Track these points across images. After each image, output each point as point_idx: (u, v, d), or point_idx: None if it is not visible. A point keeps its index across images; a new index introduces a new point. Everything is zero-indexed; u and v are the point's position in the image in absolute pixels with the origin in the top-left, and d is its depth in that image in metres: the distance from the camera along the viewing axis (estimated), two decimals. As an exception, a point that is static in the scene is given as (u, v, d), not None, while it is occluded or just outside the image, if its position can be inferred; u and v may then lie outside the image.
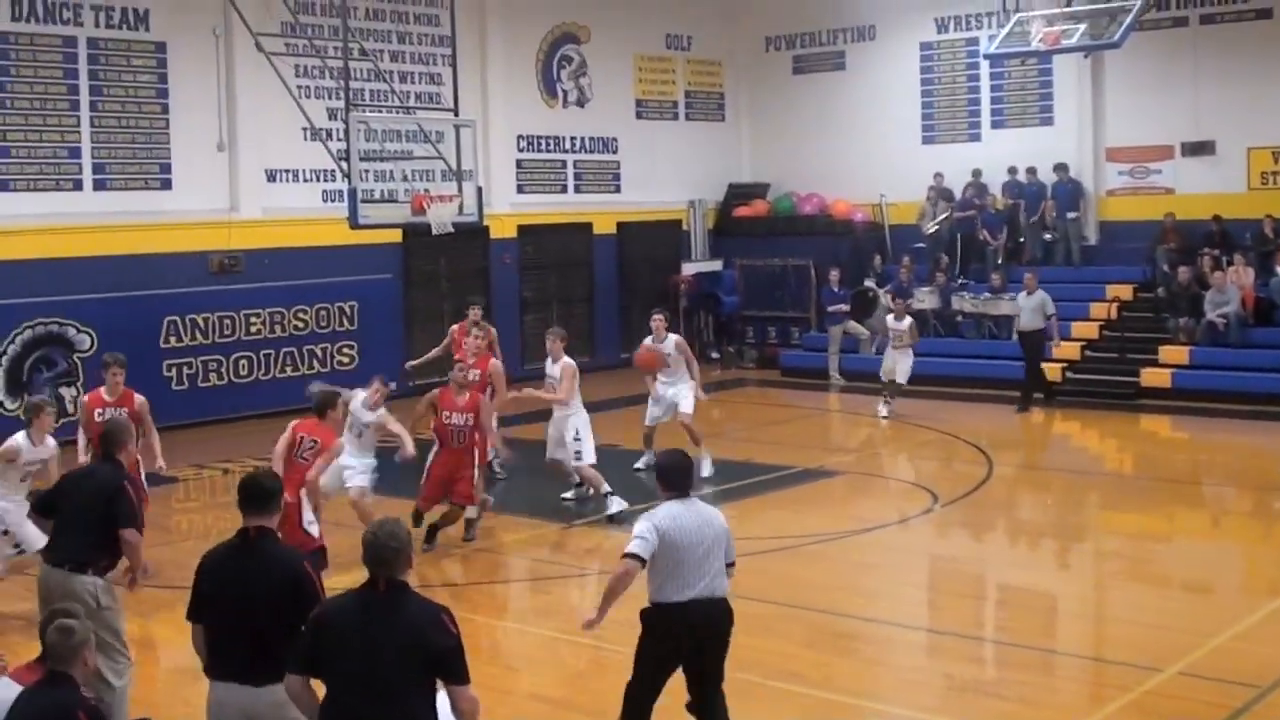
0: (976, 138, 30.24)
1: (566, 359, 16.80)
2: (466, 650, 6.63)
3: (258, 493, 7.55)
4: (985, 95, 30.15)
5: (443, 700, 6.65)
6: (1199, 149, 27.52)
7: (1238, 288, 24.98)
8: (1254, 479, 19.56)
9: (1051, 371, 24.97)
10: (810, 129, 31.87)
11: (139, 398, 14.04)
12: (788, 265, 30.17)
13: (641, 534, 8.46)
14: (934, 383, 24.47)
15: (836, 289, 27.96)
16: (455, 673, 6.54)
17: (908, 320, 23.39)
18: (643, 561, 8.44)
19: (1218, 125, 27.22)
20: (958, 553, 16.09)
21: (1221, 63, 27.07)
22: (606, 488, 16.32)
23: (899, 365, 23.13)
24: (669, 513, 8.50)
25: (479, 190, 22.52)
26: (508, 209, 27.83)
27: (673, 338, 18.77)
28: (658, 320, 18.86)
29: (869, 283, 28.79)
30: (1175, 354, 24.86)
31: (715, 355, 30.29)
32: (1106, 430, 23.28)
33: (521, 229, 28.33)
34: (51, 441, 12.70)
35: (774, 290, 30.36)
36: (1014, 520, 17.59)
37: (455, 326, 18.91)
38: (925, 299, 27.60)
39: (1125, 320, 26.32)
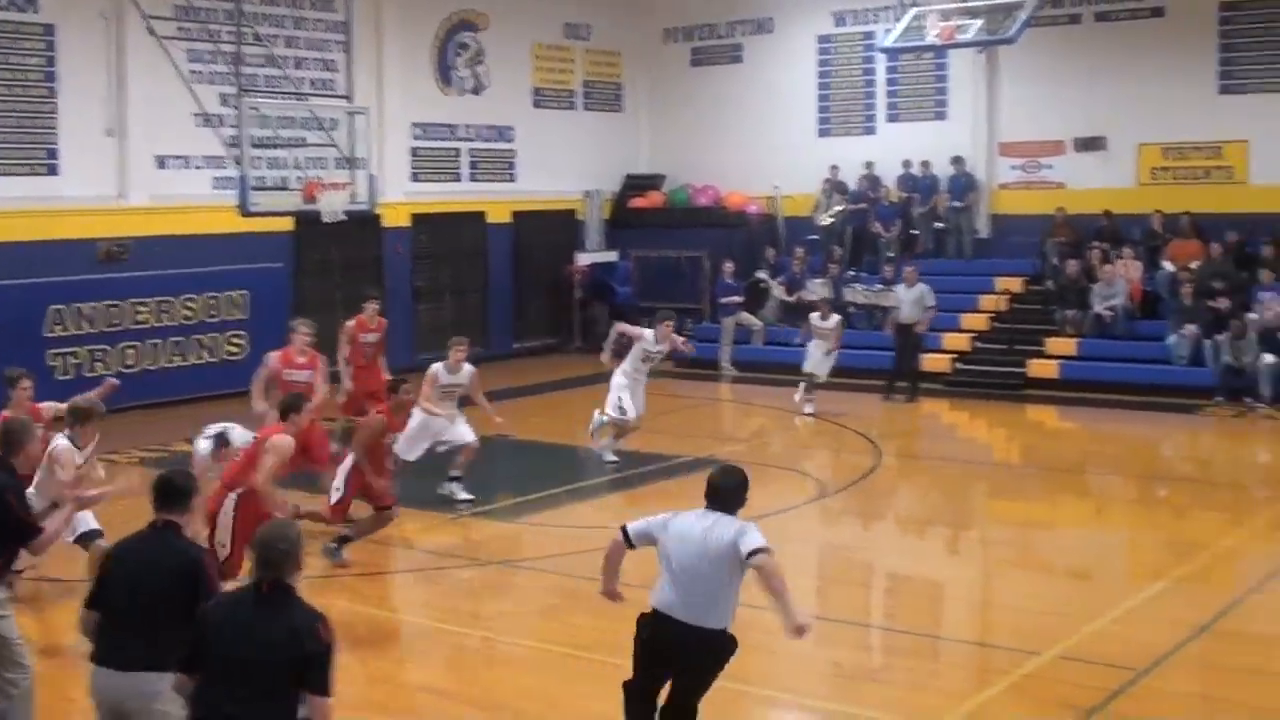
0: (871, 131, 30.43)
1: (472, 366, 16.90)
2: (356, 642, 6.60)
3: (169, 490, 7.72)
4: (881, 89, 30.34)
5: None
6: (1090, 144, 27.87)
7: (1126, 281, 25.37)
8: (1138, 468, 19.87)
9: (941, 362, 25.25)
10: (707, 121, 31.95)
11: (46, 408, 13.70)
12: (682, 256, 30.25)
13: (649, 517, 8.54)
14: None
15: (730, 280, 28.06)
16: (317, 682, 6.50)
17: (835, 318, 23.36)
18: (627, 537, 8.52)
19: (1109, 121, 27.57)
20: (845, 541, 16.22)
21: (1114, 60, 27.40)
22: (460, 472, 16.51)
23: (824, 361, 23.03)
24: (686, 515, 8.40)
25: (371, 178, 22.40)
26: (401, 197, 27.62)
27: (675, 337, 19.25)
28: (666, 325, 19.14)
29: (761, 274, 28.92)
30: (1063, 345, 25.20)
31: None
32: (994, 420, 23.56)
33: (415, 218, 28.11)
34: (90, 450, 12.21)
35: (668, 281, 30.38)
36: (901, 508, 17.74)
37: (352, 321, 18.64)
38: (818, 290, 27.74)
39: (1014, 312, 26.66)
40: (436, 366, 16.74)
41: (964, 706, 10.18)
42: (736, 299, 27.85)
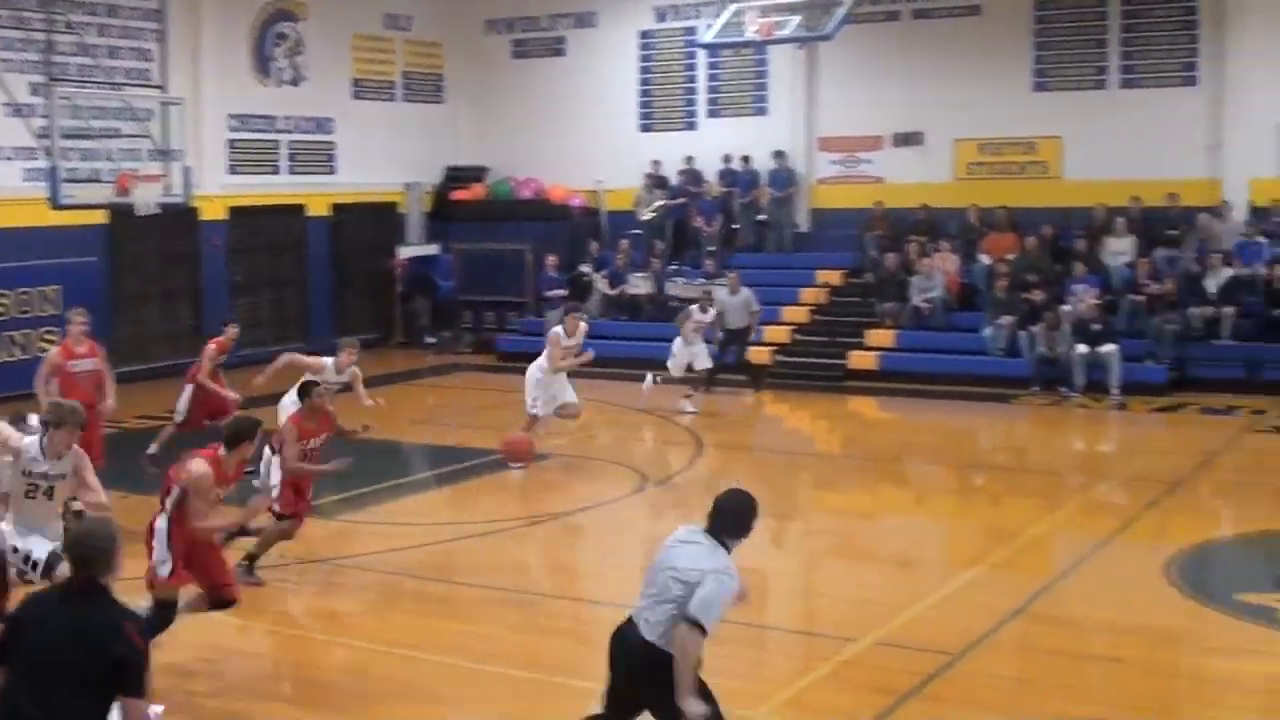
0: (693, 126, 30.60)
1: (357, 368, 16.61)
2: (178, 645, 6.45)
3: None
4: (702, 84, 30.50)
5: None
6: (908, 139, 28.30)
7: (943, 273, 25.80)
8: (956, 457, 20.20)
9: (762, 355, 25.46)
10: (530, 113, 31.82)
11: None
12: (505, 250, 30.13)
13: None
14: (648, 367, 24.66)
15: (553, 274, 28.04)
16: (129, 684, 6.34)
17: (713, 312, 23.34)
18: None
19: (927, 117, 28.01)
20: (668, 532, 16.20)
21: (931, 57, 27.85)
22: None
23: (698, 354, 22.95)
24: (677, 532, 7.99)
25: (186, 170, 21.99)
26: (219, 190, 27.04)
27: (582, 325, 19.16)
28: (573, 318, 19.15)
29: (585, 268, 28.93)
30: (882, 337, 25.55)
31: (431, 340, 30.05)
32: (816, 411, 23.79)
33: (233, 211, 27.56)
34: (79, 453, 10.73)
35: (491, 274, 30.27)
36: (725, 500, 17.81)
37: (213, 345, 18.14)
38: (640, 284, 27.89)
39: (834, 305, 26.98)
40: (324, 362, 16.44)
41: (783, 694, 10.27)
42: (560, 293, 27.82)
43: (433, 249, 31.14)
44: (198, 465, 10.31)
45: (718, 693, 10.31)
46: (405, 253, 30.82)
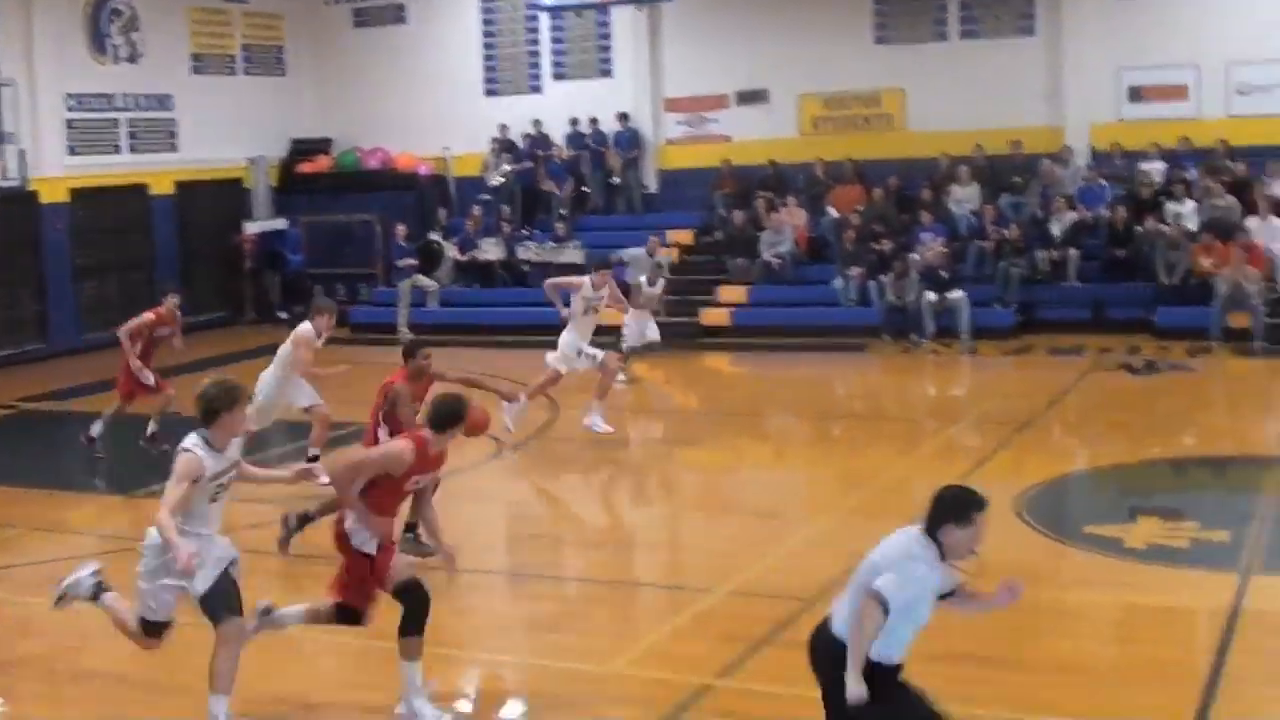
0: (538, 89, 30.49)
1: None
2: (30, 635, 6.30)
3: None
4: (546, 47, 30.41)
5: None
6: (753, 97, 28.45)
7: (792, 228, 26.00)
8: (811, 408, 20.41)
9: (615, 315, 25.38)
10: (374, 82, 31.50)
11: None
12: (353, 221, 29.87)
13: None
14: (500, 331, 24.62)
15: (403, 243, 27.83)
16: None
17: (661, 283, 23.13)
18: None
19: (771, 74, 28.21)
20: (530, 495, 16.28)
21: (773, 13, 28.01)
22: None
23: (648, 328, 22.74)
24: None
25: (21, 153, 21.51)
26: (59, 172, 26.46)
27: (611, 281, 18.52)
28: (602, 273, 18.38)
29: (435, 236, 28.75)
30: (734, 293, 25.71)
31: (283, 315, 29.64)
32: (672, 370, 23.78)
33: (74, 193, 26.96)
34: (238, 441, 9.31)
35: (340, 246, 30.03)
36: (584, 460, 17.77)
37: (150, 314, 18.06)
38: (491, 250, 27.79)
39: (686, 264, 27.03)
40: (308, 328, 16.14)
41: (638, 646, 10.32)
42: (411, 262, 27.63)
43: (280, 223, 30.77)
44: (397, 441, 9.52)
45: (573, 649, 10.40)
46: (252, 228, 30.39)
